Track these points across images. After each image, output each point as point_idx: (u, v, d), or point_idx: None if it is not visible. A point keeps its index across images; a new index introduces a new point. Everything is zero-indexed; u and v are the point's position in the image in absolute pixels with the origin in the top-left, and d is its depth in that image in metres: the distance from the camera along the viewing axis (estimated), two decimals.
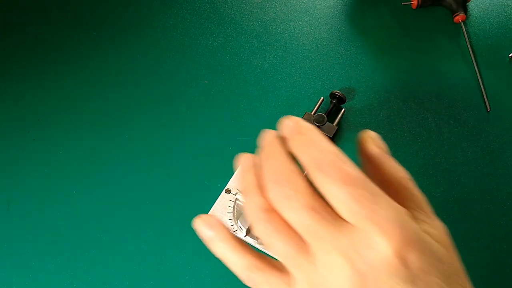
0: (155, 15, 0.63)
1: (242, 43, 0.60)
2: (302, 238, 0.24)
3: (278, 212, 0.24)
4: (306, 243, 0.24)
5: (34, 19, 0.62)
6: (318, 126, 0.49)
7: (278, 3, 0.64)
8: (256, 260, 0.27)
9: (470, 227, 0.47)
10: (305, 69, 0.58)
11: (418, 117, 0.54)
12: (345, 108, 0.54)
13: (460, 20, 0.60)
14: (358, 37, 0.61)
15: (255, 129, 0.53)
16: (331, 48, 0.60)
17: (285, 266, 0.25)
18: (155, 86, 0.56)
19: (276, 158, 0.25)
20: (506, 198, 0.49)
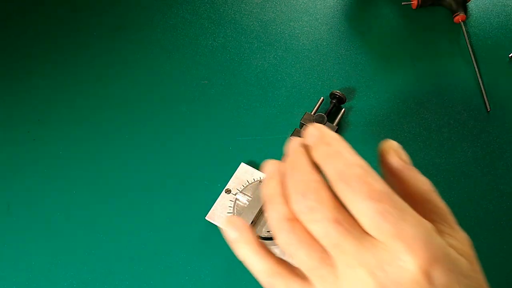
0: (155, 15, 0.63)
1: (242, 43, 0.60)
2: (325, 249, 0.24)
3: (301, 222, 0.24)
4: (329, 255, 0.24)
5: (34, 19, 0.62)
6: None
7: (278, 3, 0.64)
8: (278, 266, 0.27)
9: (470, 227, 0.47)
10: (305, 69, 0.58)
11: (418, 117, 0.54)
12: (345, 108, 0.54)
13: (460, 20, 0.61)
14: (358, 37, 0.61)
15: (255, 129, 0.53)
16: (331, 48, 0.60)
17: (306, 274, 0.25)
18: (155, 86, 0.56)
19: (300, 168, 0.25)
20: (506, 198, 0.49)
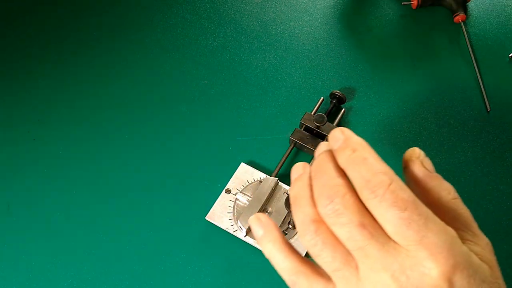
0: (155, 15, 0.63)
1: (242, 43, 0.60)
2: (349, 252, 0.24)
3: (326, 224, 0.25)
4: (353, 257, 0.24)
5: (34, 19, 0.62)
6: (318, 126, 0.49)
7: (278, 3, 0.64)
8: (302, 264, 0.27)
9: None
10: (305, 69, 0.58)
11: (418, 117, 0.54)
12: (345, 108, 0.54)
13: (460, 20, 0.61)
14: (358, 37, 0.61)
15: (255, 129, 0.53)
16: (331, 48, 0.60)
17: (329, 275, 0.26)
18: (155, 86, 0.56)
19: (326, 172, 0.25)
20: (506, 198, 0.49)
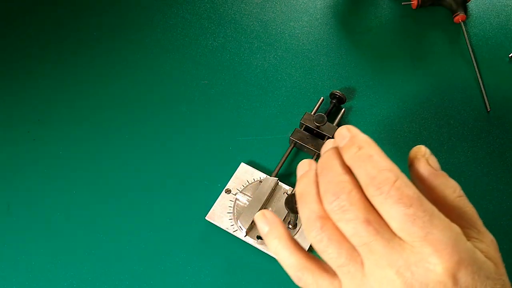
0: (155, 15, 0.63)
1: (242, 43, 0.60)
2: (354, 248, 0.25)
3: (332, 220, 0.25)
4: (358, 253, 0.24)
5: (34, 19, 0.62)
6: (318, 126, 0.49)
7: (278, 3, 0.64)
8: (307, 260, 0.27)
9: None
10: (305, 69, 0.58)
11: (418, 117, 0.54)
12: (345, 108, 0.54)
13: (460, 20, 0.61)
14: (358, 37, 0.61)
15: (255, 129, 0.53)
16: (331, 48, 0.60)
17: (335, 270, 0.26)
18: (155, 86, 0.56)
19: (332, 168, 0.25)
20: (506, 198, 0.49)
